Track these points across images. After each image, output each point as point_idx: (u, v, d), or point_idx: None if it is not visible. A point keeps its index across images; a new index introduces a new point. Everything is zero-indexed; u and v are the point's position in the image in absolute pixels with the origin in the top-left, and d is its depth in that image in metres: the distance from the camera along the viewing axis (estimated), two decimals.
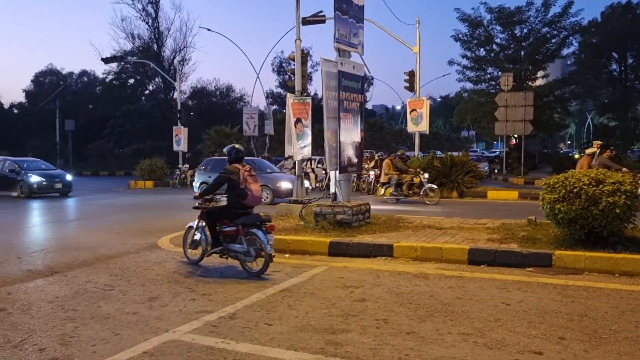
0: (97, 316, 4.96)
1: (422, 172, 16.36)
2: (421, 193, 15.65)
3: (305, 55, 13.19)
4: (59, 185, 19.57)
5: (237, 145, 7.12)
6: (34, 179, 19.07)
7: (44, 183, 19.17)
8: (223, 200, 7.09)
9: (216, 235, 6.89)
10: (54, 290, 5.93)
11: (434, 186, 15.96)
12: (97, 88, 57.09)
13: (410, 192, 15.98)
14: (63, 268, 7.10)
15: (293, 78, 12.87)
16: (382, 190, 16.59)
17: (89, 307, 5.25)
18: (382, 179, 16.54)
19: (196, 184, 18.29)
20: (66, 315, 5.01)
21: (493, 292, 5.69)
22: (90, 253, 8.18)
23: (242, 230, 6.61)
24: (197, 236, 7.16)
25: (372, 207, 10.08)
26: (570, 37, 33.34)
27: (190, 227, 7.32)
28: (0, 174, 19.66)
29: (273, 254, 6.45)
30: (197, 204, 7.26)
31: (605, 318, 4.76)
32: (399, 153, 17.77)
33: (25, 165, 19.84)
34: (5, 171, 19.61)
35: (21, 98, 58.38)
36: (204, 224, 7.07)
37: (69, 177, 20.38)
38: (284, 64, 47.96)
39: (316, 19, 15.35)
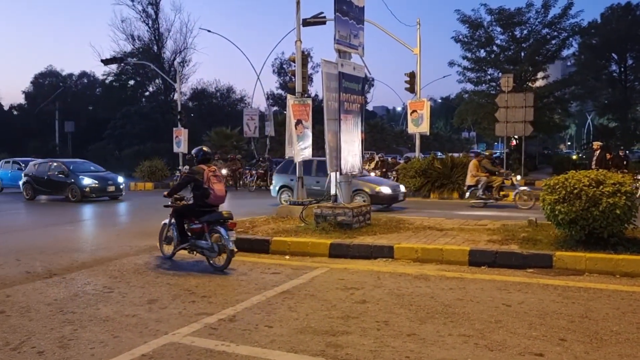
0: (95, 319, 4.94)
1: (514, 174, 15.36)
2: (514, 196, 14.35)
3: (305, 57, 13.19)
4: (111, 188, 18.28)
5: (204, 148, 7.60)
6: (87, 181, 17.73)
7: (96, 185, 17.84)
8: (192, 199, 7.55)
9: (184, 232, 7.36)
10: (52, 293, 5.91)
11: (527, 188, 14.89)
12: (97, 89, 57.04)
13: (500, 195, 14.70)
14: (62, 270, 7.08)
15: (293, 79, 12.86)
16: (467, 194, 15.25)
17: (88, 310, 5.23)
18: (468, 181, 15.16)
19: (275, 187, 16.18)
20: (65, 317, 4.99)
21: (494, 293, 5.67)
22: (89, 255, 8.16)
23: (207, 227, 7.04)
24: (170, 232, 7.64)
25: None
26: (570, 39, 33.36)
27: (165, 224, 7.81)
28: (47, 177, 18.59)
29: (234, 250, 6.87)
30: (169, 202, 7.67)
31: (606, 319, 4.74)
32: (486, 153, 16.33)
33: (72, 167, 18.47)
34: (54, 173, 18.35)
35: (21, 99, 58.27)
36: (175, 221, 7.51)
37: (120, 179, 18.96)
38: (284, 65, 48.05)
39: (316, 21, 15.35)
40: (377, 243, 7.84)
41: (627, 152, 38.72)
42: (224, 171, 23.35)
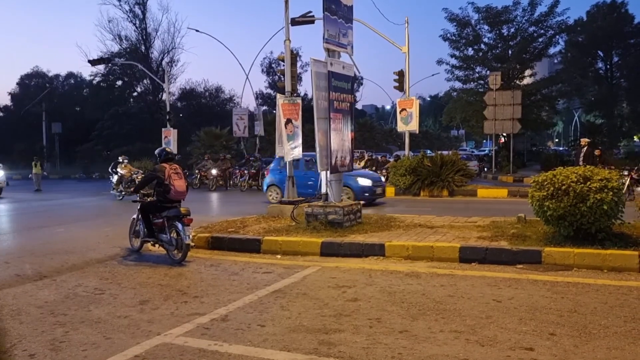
0: (87, 320, 4.92)
1: None
2: None
3: (294, 56, 13.17)
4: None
5: (167, 148, 8.35)
6: None
7: None
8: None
9: (150, 227, 7.91)
10: (43, 295, 5.87)
11: None
12: (85, 90, 56.52)
13: None
14: (52, 272, 7.03)
15: (283, 79, 12.84)
16: None
17: (79, 312, 5.20)
18: None
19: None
20: (56, 320, 4.96)
21: (484, 289, 5.72)
22: (80, 257, 8.11)
23: (167, 222, 7.60)
24: (138, 227, 8.21)
25: None
26: (557, 36, 33.68)
27: (134, 219, 8.42)
28: None
29: (190, 244, 7.42)
30: (137, 198, 8.33)
31: (594, 313, 4.80)
32: None
33: None
34: None
35: (7, 101, 57.74)
36: (141, 216, 8.07)
37: None
38: (273, 65, 47.88)
39: (305, 20, 15.33)
40: (368, 241, 7.88)
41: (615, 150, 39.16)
42: (214, 171, 23.25)
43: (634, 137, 49.71)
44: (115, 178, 19.37)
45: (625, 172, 14.85)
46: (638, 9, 78.99)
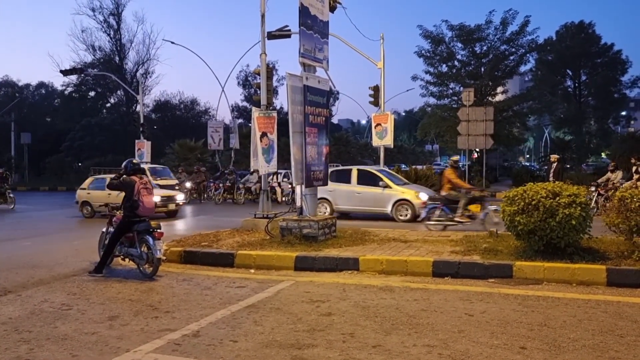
0: (53, 337, 4.77)
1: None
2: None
3: (270, 70, 13.20)
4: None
5: (134, 160, 8.00)
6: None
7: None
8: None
9: (113, 245, 7.69)
10: (7, 311, 5.67)
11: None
12: (56, 100, 55.40)
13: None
14: (17, 287, 6.81)
15: (258, 92, 12.84)
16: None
17: (45, 328, 5.04)
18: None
19: None
20: (20, 337, 4.79)
21: (457, 303, 5.76)
22: (47, 271, 7.88)
23: (137, 236, 7.45)
24: (107, 240, 7.93)
25: None
26: (527, 55, 34.70)
27: (103, 233, 8.29)
28: None
29: (161, 258, 7.30)
30: (106, 212, 8.39)
31: (563, 327, 4.88)
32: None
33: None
34: None
35: None
36: (112, 229, 7.92)
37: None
38: (249, 78, 47.87)
39: (281, 34, 15.40)
40: (342, 255, 7.87)
41: (583, 164, 40.20)
42: (188, 184, 22.99)
43: (602, 153, 51.22)
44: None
45: (593, 188, 15.26)
46: (605, 30, 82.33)
